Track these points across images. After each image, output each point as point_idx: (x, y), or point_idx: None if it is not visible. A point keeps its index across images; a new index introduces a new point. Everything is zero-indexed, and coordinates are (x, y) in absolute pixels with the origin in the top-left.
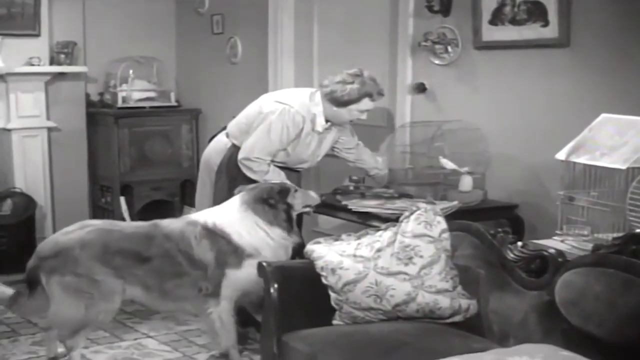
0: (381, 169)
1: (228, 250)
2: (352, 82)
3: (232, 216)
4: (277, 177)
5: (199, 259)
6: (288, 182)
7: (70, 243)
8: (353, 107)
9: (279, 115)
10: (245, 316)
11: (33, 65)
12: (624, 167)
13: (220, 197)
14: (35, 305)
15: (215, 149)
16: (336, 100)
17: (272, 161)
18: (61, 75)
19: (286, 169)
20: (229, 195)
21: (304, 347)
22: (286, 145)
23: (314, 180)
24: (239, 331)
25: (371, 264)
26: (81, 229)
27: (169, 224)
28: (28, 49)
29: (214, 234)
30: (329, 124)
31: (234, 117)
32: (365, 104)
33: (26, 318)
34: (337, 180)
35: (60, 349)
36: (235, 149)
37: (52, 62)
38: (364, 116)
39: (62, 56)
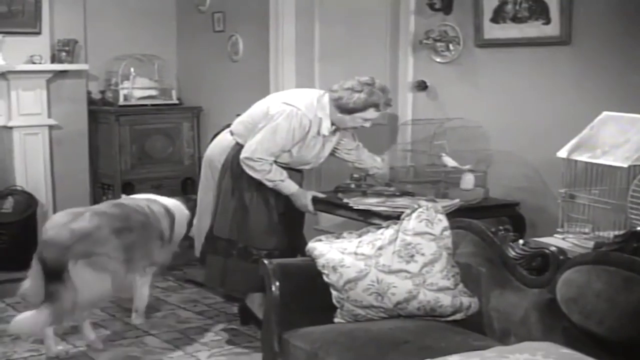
0: (380, 167)
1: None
2: (361, 91)
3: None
4: (279, 176)
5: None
6: (289, 181)
7: (87, 228)
8: (357, 115)
9: (286, 117)
10: (246, 313)
11: (34, 63)
12: (625, 165)
13: (224, 195)
14: (70, 296)
15: (219, 147)
16: (341, 107)
17: (275, 162)
18: (62, 73)
19: (289, 168)
20: (233, 194)
21: (305, 345)
22: (290, 147)
23: (315, 179)
24: (240, 329)
25: (372, 261)
26: (91, 214)
27: (135, 201)
28: (29, 47)
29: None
30: (333, 127)
31: (238, 115)
32: (370, 113)
33: (65, 318)
34: (339, 178)
35: (60, 347)
36: (239, 147)
37: (53, 60)
38: (367, 124)
39: (64, 54)
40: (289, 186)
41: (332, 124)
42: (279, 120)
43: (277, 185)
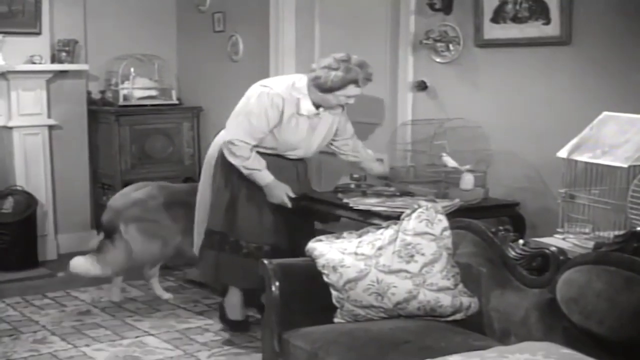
0: (372, 159)
1: None
2: (337, 69)
3: None
4: (257, 165)
5: None
6: (267, 172)
7: (141, 196)
8: (338, 93)
9: (257, 97)
10: (250, 297)
11: (34, 63)
12: (625, 165)
13: (217, 190)
14: (116, 252)
15: (215, 145)
16: (321, 87)
17: (264, 147)
18: (62, 73)
19: (283, 158)
20: (226, 187)
21: (305, 345)
22: (268, 128)
23: (315, 178)
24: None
25: (372, 261)
26: (148, 186)
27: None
28: (29, 47)
29: None
30: (320, 109)
31: None
32: (352, 90)
33: (104, 273)
34: (339, 178)
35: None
36: None
37: (53, 60)
38: (351, 101)
39: (64, 54)
40: (265, 177)
41: (318, 105)
42: (252, 100)
43: (253, 174)
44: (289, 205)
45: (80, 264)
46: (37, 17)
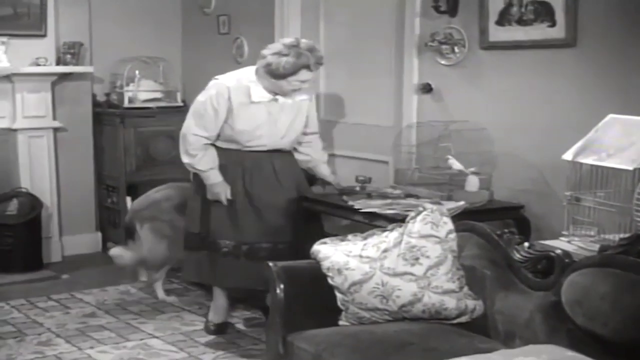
0: (325, 161)
1: None
2: (288, 54)
3: None
4: (206, 165)
5: None
6: (216, 172)
7: (157, 197)
8: (291, 78)
9: (206, 89)
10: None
11: (39, 65)
12: (630, 167)
13: (194, 191)
14: (135, 249)
15: None
16: (273, 73)
17: (226, 142)
18: (67, 76)
19: (255, 152)
20: (199, 188)
21: (310, 347)
22: (216, 117)
23: (320, 181)
24: (245, 330)
25: (377, 264)
26: (168, 188)
27: None
28: (34, 49)
29: None
30: (277, 96)
31: None
32: (304, 75)
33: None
34: (344, 180)
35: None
36: None
37: (58, 62)
38: (305, 85)
39: (69, 56)
40: (211, 177)
41: (275, 93)
42: (201, 93)
43: (200, 172)
44: (225, 202)
45: (113, 255)
46: (43, 20)
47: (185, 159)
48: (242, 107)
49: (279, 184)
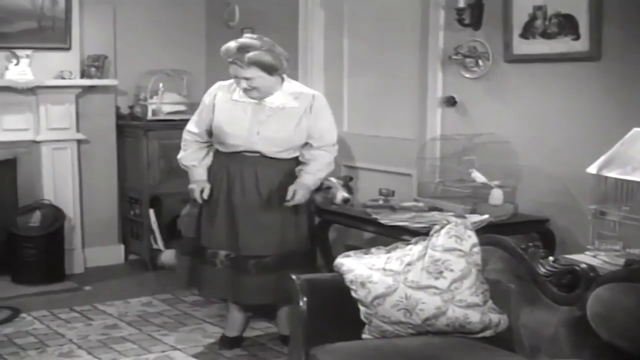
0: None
1: None
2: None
3: None
4: (190, 161)
5: None
6: (197, 170)
7: None
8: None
9: None
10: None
11: (64, 78)
12: None
13: (190, 201)
14: None
15: None
16: None
17: (219, 144)
18: (92, 88)
19: (241, 155)
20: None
21: None
22: (204, 114)
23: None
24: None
25: (401, 277)
26: None
27: None
28: (59, 62)
29: None
30: (266, 100)
31: None
32: (232, 69)
33: None
34: (367, 193)
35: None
36: None
37: (82, 75)
38: (244, 84)
39: (93, 69)
40: (195, 174)
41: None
42: None
43: (186, 168)
44: (199, 200)
45: (168, 255)
46: (67, 33)
47: (179, 155)
48: (222, 103)
49: (257, 194)
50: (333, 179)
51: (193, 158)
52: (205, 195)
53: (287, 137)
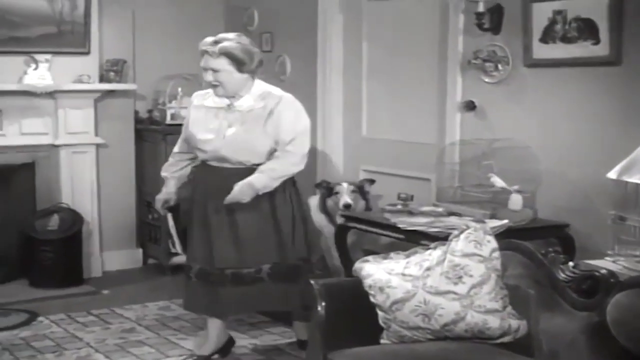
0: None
1: None
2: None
3: None
4: (164, 171)
5: None
6: (169, 182)
7: None
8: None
9: None
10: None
11: (83, 82)
12: None
13: None
14: None
15: None
16: None
17: (200, 152)
18: (110, 93)
19: (217, 169)
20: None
21: None
22: (185, 125)
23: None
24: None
25: (420, 282)
26: None
27: None
28: (78, 66)
29: None
30: (236, 104)
31: None
32: (202, 60)
33: None
34: (386, 198)
35: None
36: None
37: (101, 79)
38: (209, 77)
39: (112, 74)
40: (166, 185)
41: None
42: None
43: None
44: (161, 212)
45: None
46: (86, 37)
47: None
48: (195, 109)
49: (229, 207)
50: (344, 184)
51: (166, 168)
52: (166, 206)
53: (253, 139)
